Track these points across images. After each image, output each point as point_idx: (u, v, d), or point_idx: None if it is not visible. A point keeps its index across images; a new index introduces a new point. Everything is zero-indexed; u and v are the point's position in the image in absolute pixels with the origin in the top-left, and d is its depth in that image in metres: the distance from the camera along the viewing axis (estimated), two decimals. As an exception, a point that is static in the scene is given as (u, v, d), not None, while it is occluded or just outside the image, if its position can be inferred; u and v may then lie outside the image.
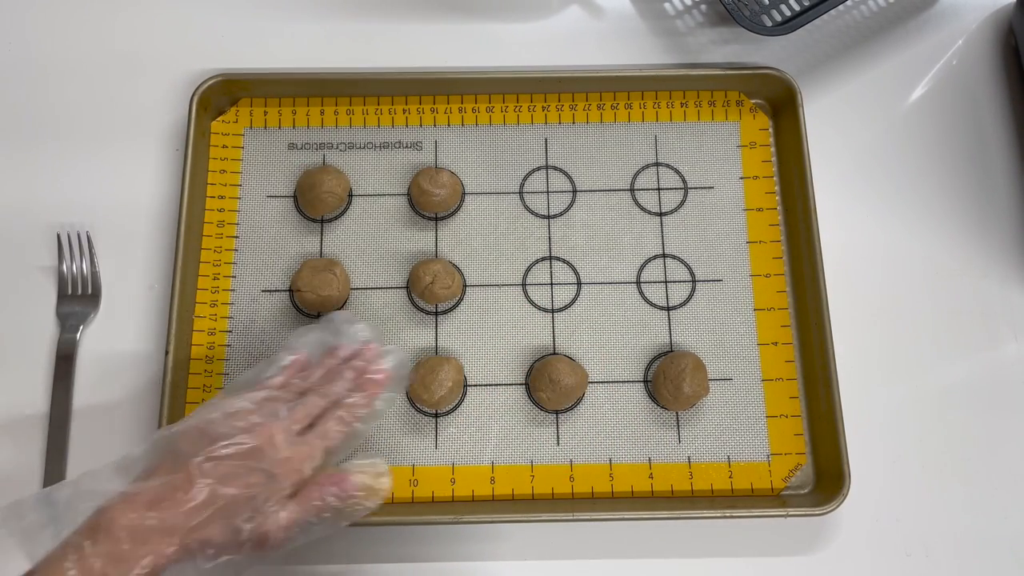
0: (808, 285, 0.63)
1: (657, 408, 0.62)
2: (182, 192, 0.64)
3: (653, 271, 0.65)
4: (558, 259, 0.66)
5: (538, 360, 0.63)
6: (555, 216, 0.67)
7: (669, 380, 0.60)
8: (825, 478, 0.60)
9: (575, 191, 0.67)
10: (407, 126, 0.69)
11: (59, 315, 0.63)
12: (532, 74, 0.68)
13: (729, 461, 0.61)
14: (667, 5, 0.74)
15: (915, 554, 0.60)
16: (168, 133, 0.69)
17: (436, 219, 0.67)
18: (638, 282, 0.65)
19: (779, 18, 0.69)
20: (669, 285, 0.65)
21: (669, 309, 0.65)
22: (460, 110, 0.69)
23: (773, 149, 0.68)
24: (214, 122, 0.68)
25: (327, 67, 0.70)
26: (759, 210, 0.67)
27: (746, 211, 0.67)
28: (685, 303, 0.65)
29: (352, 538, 0.59)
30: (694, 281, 0.65)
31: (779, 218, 0.67)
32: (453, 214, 0.67)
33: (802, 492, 0.60)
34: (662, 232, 0.66)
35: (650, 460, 0.61)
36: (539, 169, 0.68)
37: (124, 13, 0.73)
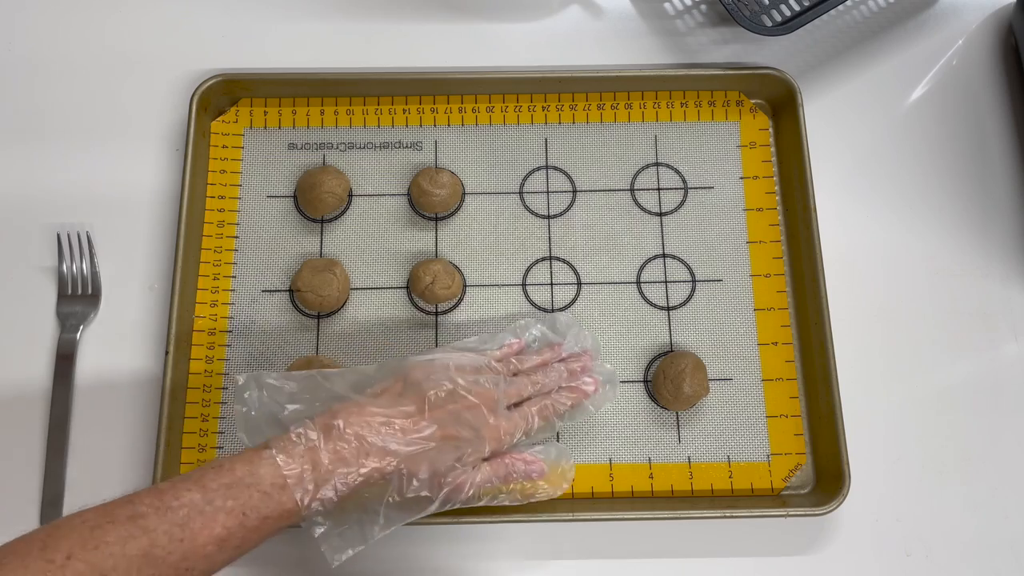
0: (808, 285, 0.63)
1: (657, 408, 0.62)
2: (182, 192, 0.64)
3: (653, 271, 0.65)
4: (558, 259, 0.66)
5: None
6: (555, 216, 0.67)
7: (669, 380, 0.60)
8: (825, 478, 0.60)
9: (575, 191, 0.67)
10: (407, 126, 0.69)
11: (59, 315, 0.63)
12: (532, 74, 0.68)
13: (729, 461, 0.61)
14: (667, 5, 0.74)
15: (915, 554, 0.60)
16: (168, 133, 0.69)
17: (436, 219, 0.67)
18: (638, 282, 0.65)
19: (779, 18, 0.69)
20: (669, 285, 0.65)
21: (669, 309, 0.65)
22: (460, 110, 0.69)
23: (773, 149, 0.68)
24: (214, 122, 0.68)
25: (327, 67, 0.70)
26: (759, 210, 0.67)
27: (746, 211, 0.67)
28: (685, 303, 0.65)
29: (352, 538, 0.60)
30: (694, 281, 0.65)
31: (779, 218, 0.67)
32: (453, 214, 0.67)
33: (802, 492, 0.61)
34: (662, 232, 0.66)
35: (650, 460, 0.61)
36: (539, 169, 0.68)
37: (124, 13, 0.73)
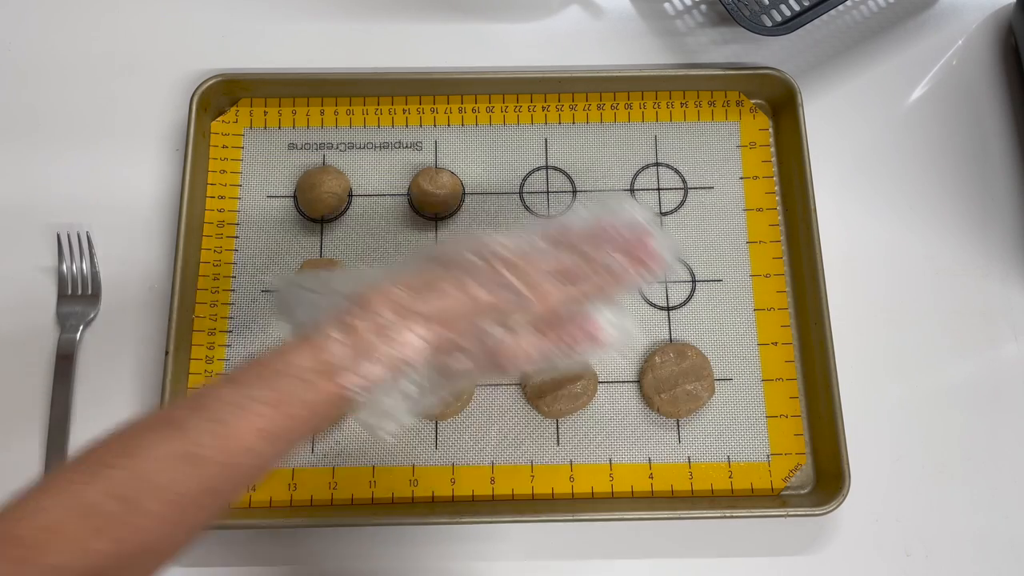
0: (808, 285, 0.63)
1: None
2: (182, 192, 0.64)
3: (653, 271, 0.65)
4: (558, 259, 0.66)
5: None
6: (555, 216, 0.67)
7: (665, 392, 0.60)
8: (825, 478, 0.60)
9: (575, 191, 0.67)
10: (407, 126, 0.69)
11: (59, 315, 0.63)
12: (532, 74, 0.68)
13: (729, 461, 0.61)
14: (667, 5, 0.74)
15: (915, 554, 0.60)
16: (168, 133, 0.69)
17: (436, 219, 0.67)
18: (638, 282, 0.65)
19: (779, 18, 0.69)
20: (669, 285, 0.65)
21: (669, 309, 0.65)
22: (460, 110, 0.69)
23: (773, 149, 0.68)
24: (214, 122, 0.68)
25: (327, 67, 0.70)
26: (759, 210, 0.67)
27: (746, 211, 0.67)
28: (685, 303, 0.65)
29: (352, 538, 0.59)
30: (694, 281, 0.65)
31: (779, 218, 0.67)
32: (453, 214, 0.67)
33: (802, 492, 0.60)
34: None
35: (650, 460, 0.61)
36: (539, 169, 0.68)
37: (124, 13, 0.73)
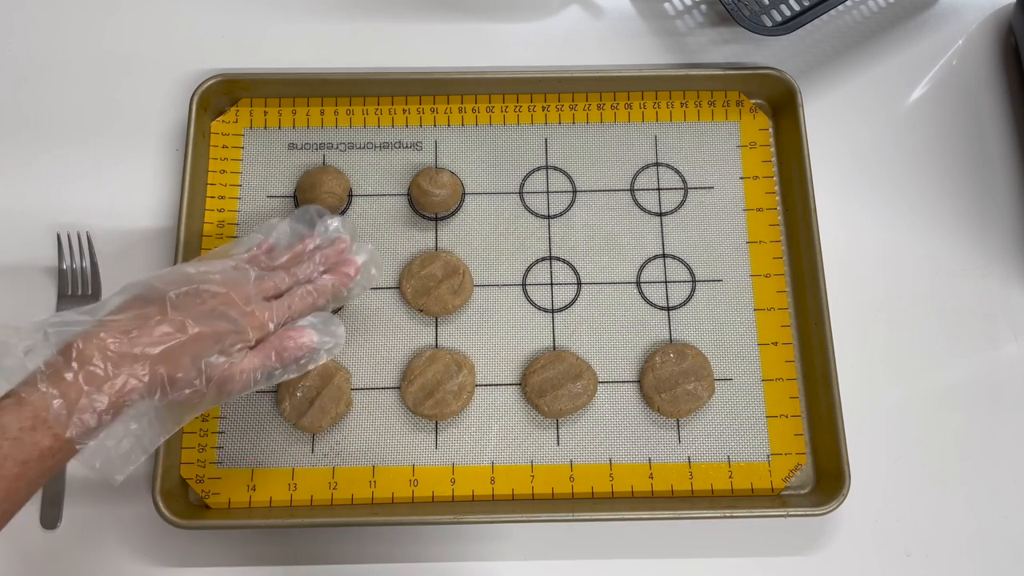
0: (808, 285, 0.63)
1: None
2: (182, 192, 0.64)
3: (653, 271, 0.65)
4: (558, 259, 0.66)
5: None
6: (555, 216, 0.67)
7: (666, 392, 0.60)
8: (825, 478, 0.60)
9: (575, 191, 0.67)
10: (407, 126, 0.69)
11: (59, 315, 0.63)
12: (532, 74, 0.68)
13: (729, 461, 0.61)
14: (667, 5, 0.74)
15: (915, 554, 0.60)
16: (168, 133, 0.69)
17: (436, 219, 0.67)
18: (638, 282, 0.65)
19: (779, 18, 0.69)
20: (669, 285, 0.65)
21: (669, 309, 0.65)
22: (460, 110, 0.69)
23: (773, 149, 0.68)
24: (214, 122, 0.68)
25: (327, 67, 0.70)
26: (759, 210, 0.67)
27: (746, 211, 0.67)
28: (685, 303, 0.65)
29: (352, 538, 0.60)
30: (694, 281, 0.65)
31: (779, 218, 0.67)
32: (453, 214, 0.67)
33: (802, 492, 0.61)
34: (662, 232, 0.66)
35: (650, 460, 0.61)
36: (539, 169, 0.68)
37: (124, 13, 0.73)
